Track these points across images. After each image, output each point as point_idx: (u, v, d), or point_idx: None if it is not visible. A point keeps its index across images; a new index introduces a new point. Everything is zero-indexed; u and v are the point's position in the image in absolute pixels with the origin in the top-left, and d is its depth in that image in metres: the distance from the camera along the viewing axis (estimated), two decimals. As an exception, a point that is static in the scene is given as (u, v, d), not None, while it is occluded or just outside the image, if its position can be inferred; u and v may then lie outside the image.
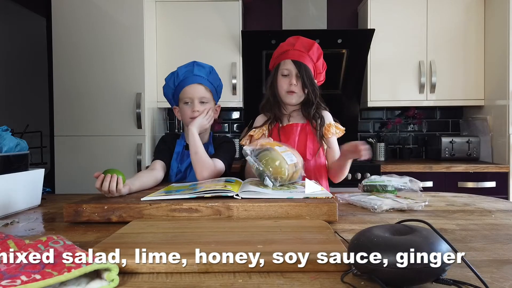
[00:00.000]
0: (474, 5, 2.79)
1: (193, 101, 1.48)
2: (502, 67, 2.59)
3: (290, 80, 1.50)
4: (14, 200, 1.12)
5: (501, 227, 0.88)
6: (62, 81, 2.56)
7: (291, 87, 1.50)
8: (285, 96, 1.52)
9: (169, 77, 1.54)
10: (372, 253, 0.52)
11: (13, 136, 1.21)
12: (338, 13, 3.10)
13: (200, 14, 2.78)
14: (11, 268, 0.55)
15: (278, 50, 1.57)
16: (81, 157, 2.54)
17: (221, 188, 1.04)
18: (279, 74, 1.53)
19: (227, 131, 3.21)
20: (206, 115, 1.49)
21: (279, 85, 1.53)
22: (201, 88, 1.50)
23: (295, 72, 1.50)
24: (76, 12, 2.56)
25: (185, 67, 1.53)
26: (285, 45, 1.56)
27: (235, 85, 2.77)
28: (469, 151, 2.77)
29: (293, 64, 1.50)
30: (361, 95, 2.93)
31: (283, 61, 1.52)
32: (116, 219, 0.95)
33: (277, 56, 1.56)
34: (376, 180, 1.30)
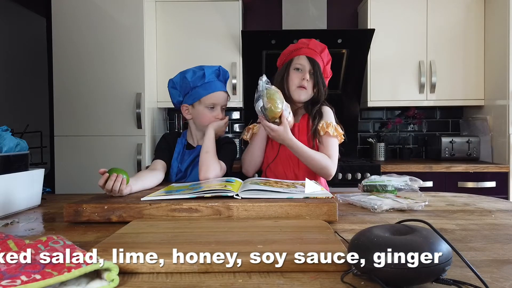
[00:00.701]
0: (474, 5, 2.79)
1: (216, 107, 1.50)
2: (502, 67, 2.59)
3: (303, 75, 1.47)
4: (14, 200, 1.12)
5: (501, 227, 0.88)
6: (62, 81, 2.56)
7: (303, 82, 1.47)
8: (294, 91, 1.49)
9: (191, 74, 1.49)
10: (372, 253, 0.52)
11: (13, 136, 1.21)
12: (338, 13, 3.10)
13: (200, 14, 2.78)
14: (11, 268, 0.55)
15: (289, 49, 1.55)
16: (81, 157, 2.54)
17: (221, 188, 1.04)
18: (292, 69, 1.49)
19: (227, 131, 3.21)
20: (226, 122, 1.53)
21: (290, 79, 1.49)
22: (225, 96, 1.53)
23: (308, 68, 1.48)
24: (76, 12, 2.56)
25: (212, 70, 1.50)
26: (298, 44, 1.53)
27: (235, 85, 2.77)
28: (469, 151, 2.77)
29: (307, 60, 1.48)
30: (361, 95, 2.93)
31: (297, 56, 1.49)
32: (116, 219, 0.94)
33: (289, 52, 1.53)
34: (376, 180, 1.30)
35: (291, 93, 1.50)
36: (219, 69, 1.52)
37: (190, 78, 1.48)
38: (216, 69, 1.51)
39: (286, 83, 1.50)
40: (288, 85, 1.50)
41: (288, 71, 1.50)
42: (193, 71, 1.50)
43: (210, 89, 1.48)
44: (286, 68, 1.51)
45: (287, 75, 1.50)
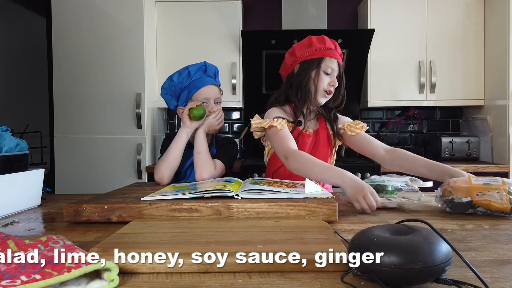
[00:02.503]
0: (474, 5, 2.79)
1: (209, 102, 1.49)
2: (502, 67, 2.59)
3: (332, 81, 1.40)
4: (14, 200, 1.12)
5: (501, 227, 0.88)
6: (62, 81, 2.56)
7: (331, 88, 1.40)
8: (321, 94, 1.41)
9: (176, 76, 1.50)
10: (372, 253, 0.52)
11: (13, 136, 1.21)
12: (338, 13, 3.10)
13: (200, 14, 2.78)
14: (11, 268, 0.55)
15: (317, 44, 1.43)
16: (81, 157, 2.54)
17: (221, 188, 1.04)
18: (322, 70, 1.40)
19: (227, 131, 3.21)
20: (217, 115, 1.50)
21: (320, 80, 1.39)
22: (216, 89, 1.52)
23: (337, 73, 1.41)
24: (76, 12, 2.56)
25: (196, 67, 1.50)
26: (328, 43, 1.45)
27: (235, 85, 2.77)
28: (469, 151, 2.77)
29: (337, 65, 1.41)
30: (361, 95, 2.93)
31: (330, 58, 1.40)
32: (116, 219, 0.94)
33: (319, 49, 1.41)
34: (376, 180, 1.30)
35: (317, 95, 1.41)
36: (205, 65, 1.52)
37: (176, 80, 1.49)
38: (202, 65, 1.51)
39: (314, 83, 1.40)
40: (316, 86, 1.40)
41: (318, 71, 1.40)
42: (179, 73, 1.50)
43: (199, 85, 1.48)
44: (317, 67, 1.40)
45: (317, 76, 1.39)
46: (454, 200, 1.00)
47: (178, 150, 1.45)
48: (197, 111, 1.44)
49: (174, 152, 1.45)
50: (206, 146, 1.43)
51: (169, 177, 1.44)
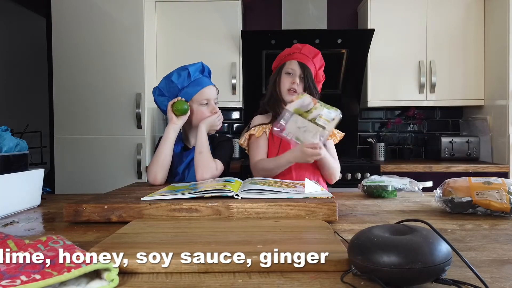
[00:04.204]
0: (474, 5, 2.79)
1: (210, 102, 1.50)
2: (502, 67, 2.59)
3: (293, 79, 1.53)
4: (14, 200, 1.12)
5: (501, 227, 0.88)
6: (62, 81, 2.56)
7: (293, 86, 1.52)
8: (285, 94, 1.54)
9: (176, 76, 1.49)
10: (372, 253, 0.52)
11: (13, 136, 1.21)
12: (338, 13, 3.10)
13: (200, 14, 2.78)
14: (11, 268, 0.55)
15: (283, 53, 1.61)
16: (81, 157, 2.54)
17: (221, 188, 1.04)
18: (283, 73, 1.56)
19: (227, 131, 3.21)
20: (219, 115, 1.52)
21: (282, 82, 1.55)
22: (215, 90, 1.54)
23: (299, 72, 1.53)
24: (76, 12, 2.56)
25: (195, 67, 1.50)
26: (291, 49, 1.59)
27: (235, 85, 2.77)
28: (469, 151, 2.77)
29: (298, 65, 1.53)
30: (361, 95, 2.93)
31: (289, 61, 1.56)
32: (116, 219, 0.94)
33: (283, 57, 1.60)
34: (376, 180, 1.30)
35: (283, 96, 1.55)
36: (202, 65, 1.52)
37: (176, 80, 1.48)
38: (200, 65, 1.52)
39: (278, 86, 1.56)
40: (280, 88, 1.56)
41: (280, 74, 1.57)
42: (177, 73, 1.49)
43: (200, 86, 1.48)
44: (279, 72, 1.57)
45: (279, 79, 1.56)
46: (454, 200, 1.00)
47: (168, 148, 1.45)
48: (180, 105, 1.44)
49: (164, 150, 1.45)
50: (208, 146, 1.43)
51: (163, 177, 1.43)
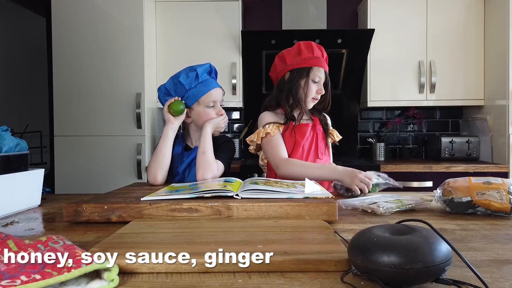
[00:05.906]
0: (474, 5, 2.80)
1: (216, 104, 1.50)
2: (502, 67, 2.59)
3: (319, 89, 1.52)
4: (14, 200, 1.12)
5: (501, 227, 0.88)
6: (62, 81, 2.56)
7: (318, 96, 1.53)
8: (309, 101, 1.53)
9: (184, 77, 1.47)
10: (372, 253, 0.52)
11: (13, 136, 1.21)
12: (338, 13, 3.10)
13: (200, 14, 2.78)
14: (11, 268, 0.55)
15: (306, 53, 1.51)
16: (81, 157, 2.54)
17: (221, 188, 1.04)
18: (311, 80, 1.51)
19: (227, 131, 3.21)
20: (225, 117, 1.52)
21: (308, 89, 1.51)
22: (221, 92, 1.53)
23: (324, 81, 1.53)
24: (76, 12, 2.56)
25: (203, 68, 1.48)
26: (316, 51, 1.52)
27: (235, 85, 2.77)
28: (469, 151, 2.77)
29: (324, 74, 1.52)
30: (361, 95, 2.93)
31: (317, 67, 1.50)
32: (116, 219, 0.94)
33: (308, 58, 1.50)
34: None
35: (305, 102, 1.53)
36: (210, 67, 1.52)
37: (184, 81, 1.47)
38: (208, 66, 1.51)
39: (304, 91, 1.51)
40: (306, 94, 1.51)
41: (307, 80, 1.50)
42: (186, 73, 1.48)
43: (207, 88, 1.47)
44: (306, 77, 1.50)
45: (306, 84, 1.50)
46: (454, 200, 1.00)
47: (167, 148, 1.45)
48: (177, 106, 1.44)
49: (163, 150, 1.45)
50: (211, 146, 1.43)
51: (162, 176, 1.43)
